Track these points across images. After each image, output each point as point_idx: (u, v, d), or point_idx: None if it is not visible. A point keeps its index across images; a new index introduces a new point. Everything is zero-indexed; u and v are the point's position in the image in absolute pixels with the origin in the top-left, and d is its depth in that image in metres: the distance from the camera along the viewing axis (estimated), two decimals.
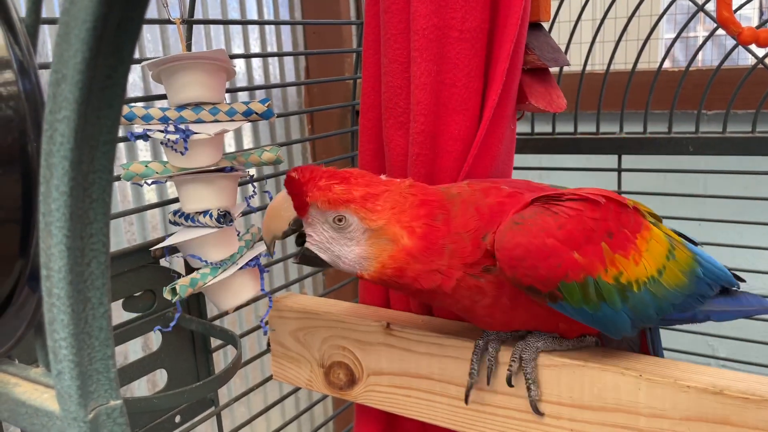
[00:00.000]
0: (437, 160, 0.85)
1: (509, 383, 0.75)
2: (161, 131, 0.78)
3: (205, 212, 0.83)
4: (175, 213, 0.87)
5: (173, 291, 0.82)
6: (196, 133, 0.78)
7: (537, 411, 0.74)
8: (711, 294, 0.79)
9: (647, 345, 0.86)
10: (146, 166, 0.81)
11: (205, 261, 0.84)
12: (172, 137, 0.77)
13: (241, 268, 0.86)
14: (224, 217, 0.82)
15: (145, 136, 0.79)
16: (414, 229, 0.68)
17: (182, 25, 0.94)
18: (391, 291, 0.93)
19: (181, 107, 0.80)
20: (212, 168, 0.83)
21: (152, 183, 0.84)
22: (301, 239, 0.73)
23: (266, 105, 0.83)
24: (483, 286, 0.70)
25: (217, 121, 0.81)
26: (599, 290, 0.68)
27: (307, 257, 0.73)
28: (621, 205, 0.72)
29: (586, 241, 0.68)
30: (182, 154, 0.79)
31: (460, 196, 0.71)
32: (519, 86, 0.87)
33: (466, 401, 0.79)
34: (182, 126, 0.78)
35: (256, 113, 0.83)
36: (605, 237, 0.69)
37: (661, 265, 0.72)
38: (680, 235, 0.84)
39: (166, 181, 0.85)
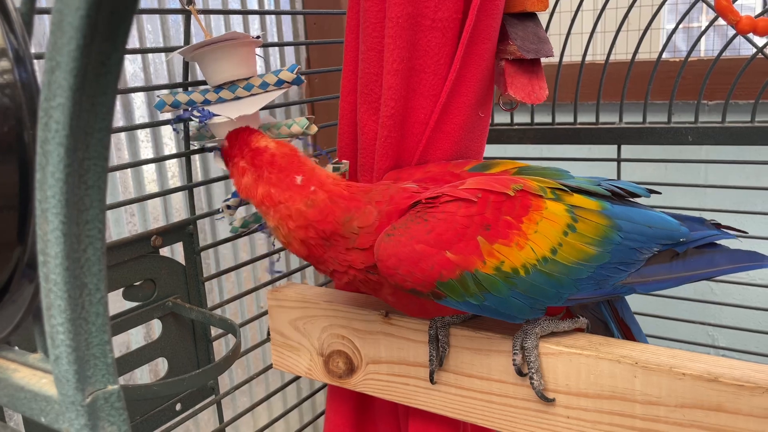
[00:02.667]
0: (404, 142, 0.88)
1: (519, 374, 0.76)
2: (190, 117, 0.82)
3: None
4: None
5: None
6: (217, 115, 0.82)
7: (545, 398, 0.75)
8: (638, 259, 0.75)
9: (621, 319, 0.87)
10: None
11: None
12: (196, 116, 0.82)
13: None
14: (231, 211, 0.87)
15: (183, 120, 0.83)
16: (301, 241, 0.75)
17: (182, 15, 0.94)
18: None
19: (219, 88, 0.83)
20: None
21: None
22: None
23: (295, 72, 0.84)
24: (381, 281, 0.75)
25: (253, 95, 0.84)
26: (479, 282, 0.70)
27: None
28: (501, 195, 0.72)
29: (459, 239, 0.70)
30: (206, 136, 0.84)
31: (364, 228, 0.75)
32: (502, 76, 0.89)
33: (431, 381, 0.84)
34: (205, 109, 0.82)
35: (287, 82, 0.85)
36: (482, 230, 0.71)
37: (556, 243, 0.72)
38: (616, 194, 0.80)
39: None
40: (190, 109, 0.82)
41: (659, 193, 0.89)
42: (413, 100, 0.86)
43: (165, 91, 0.85)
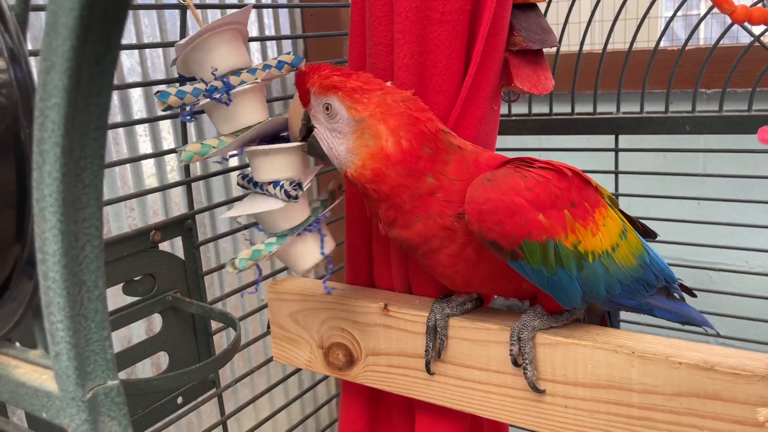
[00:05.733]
0: None
1: (515, 364, 0.77)
2: (205, 94, 0.78)
3: (275, 183, 0.80)
4: (243, 177, 0.85)
5: (233, 264, 0.80)
6: (240, 86, 0.78)
7: (536, 389, 0.76)
8: (656, 285, 0.82)
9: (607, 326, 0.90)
10: (202, 144, 0.80)
11: (270, 233, 0.83)
12: (217, 94, 0.77)
13: (302, 233, 0.84)
14: (295, 189, 0.79)
15: (191, 115, 0.79)
16: (399, 139, 0.70)
17: (178, 9, 0.93)
18: (374, 270, 0.94)
19: (222, 76, 0.80)
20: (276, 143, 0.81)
21: (228, 158, 0.83)
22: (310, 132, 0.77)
23: (292, 54, 0.84)
24: (456, 229, 0.72)
25: (257, 80, 0.81)
26: (558, 254, 0.71)
27: (312, 145, 0.77)
28: (585, 180, 0.76)
29: (551, 206, 0.71)
30: (227, 104, 0.79)
31: (461, 150, 0.74)
32: (506, 67, 0.88)
33: (428, 372, 0.84)
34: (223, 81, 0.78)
35: (288, 63, 0.83)
36: (568, 205, 0.72)
37: (615, 243, 0.76)
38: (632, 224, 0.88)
39: (228, 158, 0.84)
40: (202, 96, 0.78)
41: (657, 234, 0.96)
42: (426, 96, 0.85)
43: (167, 87, 0.82)
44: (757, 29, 1.05)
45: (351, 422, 1.00)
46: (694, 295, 0.93)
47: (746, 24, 0.84)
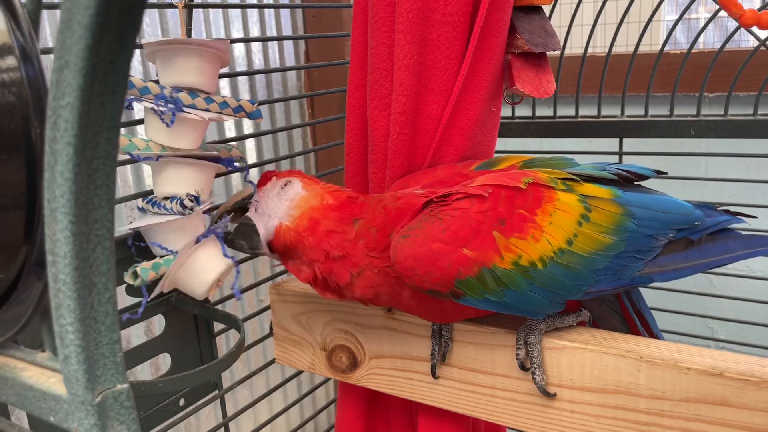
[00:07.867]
0: (416, 139, 0.87)
1: (522, 368, 0.76)
2: (152, 100, 0.78)
3: (173, 198, 0.81)
4: (144, 200, 0.85)
5: (134, 275, 0.80)
6: (189, 112, 0.78)
7: (546, 393, 0.75)
8: (654, 246, 0.74)
9: (628, 312, 0.85)
10: (130, 140, 0.79)
11: (168, 249, 0.83)
12: (163, 108, 0.77)
13: (197, 240, 0.83)
14: (192, 202, 0.80)
15: (131, 105, 0.78)
16: (339, 196, 0.79)
17: (183, 9, 0.93)
18: None
19: (178, 89, 0.80)
20: (199, 153, 0.82)
21: (142, 159, 0.82)
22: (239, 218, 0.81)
23: (255, 105, 0.84)
24: (402, 282, 0.74)
25: (208, 110, 0.81)
26: (497, 278, 0.69)
27: (242, 226, 0.80)
28: (512, 189, 0.72)
29: (475, 236, 0.70)
30: (168, 125, 0.78)
31: (380, 202, 0.78)
32: (508, 70, 0.88)
33: (433, 376, 0.84)
34: (175, 101, 0.78)
35: (245, 111, 0.84)
36: (497, 225, 0.70)
37: (572, 234, 0.71)
38: (623, 178, 0.79)
39: (142, 158, 0.82)
40: (163, 100, 0.77)
41: (666, 173, 0.87)
42: (425, 96, 0.85)
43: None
44: (762, 33, 1.05)
45: (348, 423, 0.99)
46: (753, 216, 0.79)
47: (753, 28, 0.84)
